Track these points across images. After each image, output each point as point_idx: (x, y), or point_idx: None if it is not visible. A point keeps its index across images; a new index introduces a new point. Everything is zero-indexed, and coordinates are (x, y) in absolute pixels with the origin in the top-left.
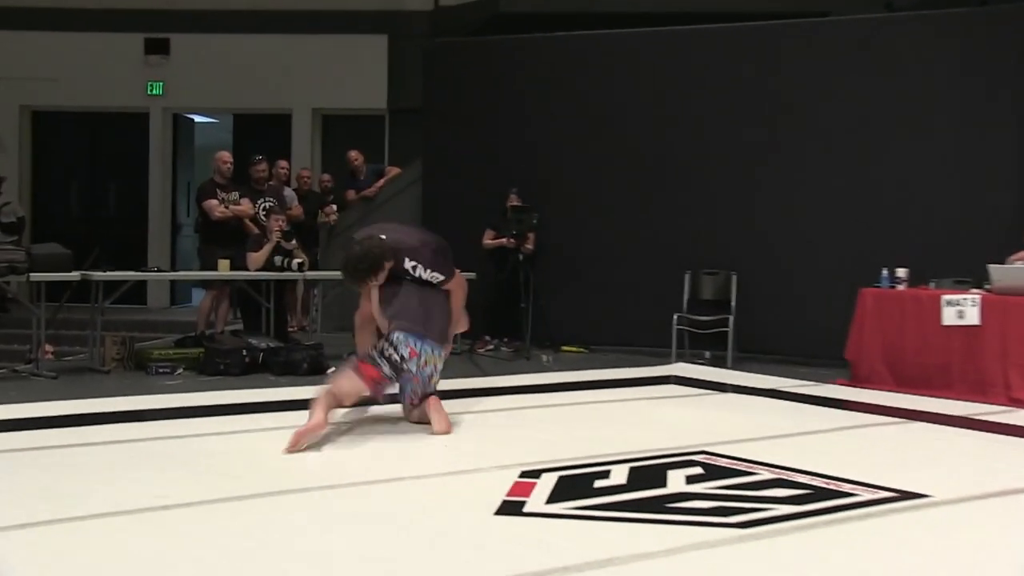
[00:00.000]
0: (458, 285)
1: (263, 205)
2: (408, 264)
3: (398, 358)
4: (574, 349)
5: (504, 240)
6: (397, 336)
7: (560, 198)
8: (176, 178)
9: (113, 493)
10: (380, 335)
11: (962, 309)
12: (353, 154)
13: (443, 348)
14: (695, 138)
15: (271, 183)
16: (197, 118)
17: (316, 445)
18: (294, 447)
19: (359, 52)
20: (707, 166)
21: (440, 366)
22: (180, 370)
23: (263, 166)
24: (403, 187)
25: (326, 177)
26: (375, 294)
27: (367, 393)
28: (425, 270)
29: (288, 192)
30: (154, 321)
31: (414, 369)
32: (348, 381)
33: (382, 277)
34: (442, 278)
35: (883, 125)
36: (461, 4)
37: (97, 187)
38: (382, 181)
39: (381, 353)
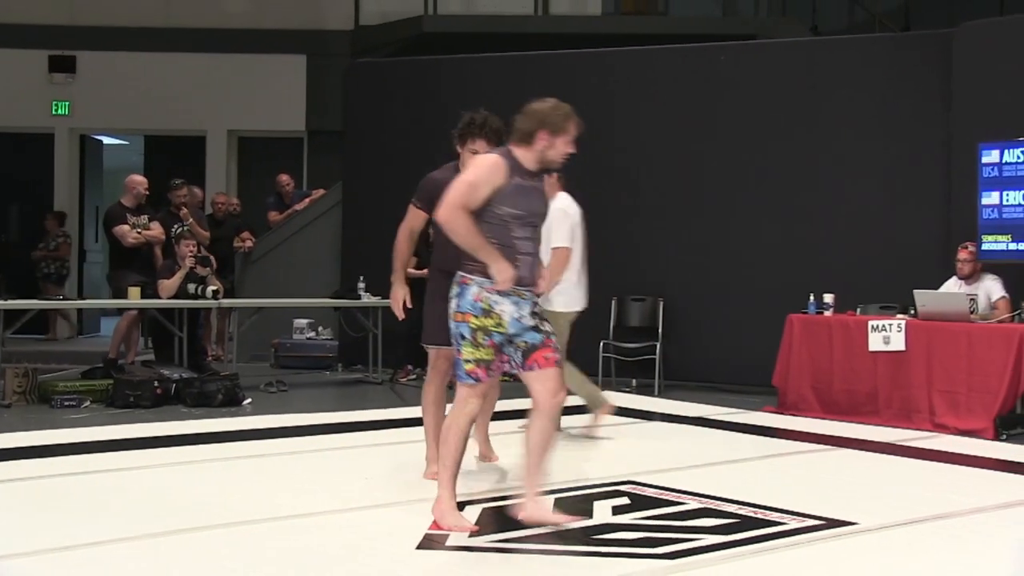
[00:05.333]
0: None
1: (179, 230)
2: None
3: None
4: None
5: (425, 271)
6: None
7: None
8: (83, 202)
9: (12, 534)
10: None
11: (888, 335)
12: (284, 178)
13: None
14: (623, 161)
15: (190, 208)
16: (106, 139)
17: (230, 478)
18: None
19: (277, 72)
20: (634, 190)
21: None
22: (87, 403)
23: (184, 190)
24: (323, 211)
25: (235, 201)
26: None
27: None
28: None
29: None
30: (59, 352)
31: None
32: None
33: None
34: None
35: (811, 149)
36: (383, 23)
37: None
38: (310, 198)
39: None
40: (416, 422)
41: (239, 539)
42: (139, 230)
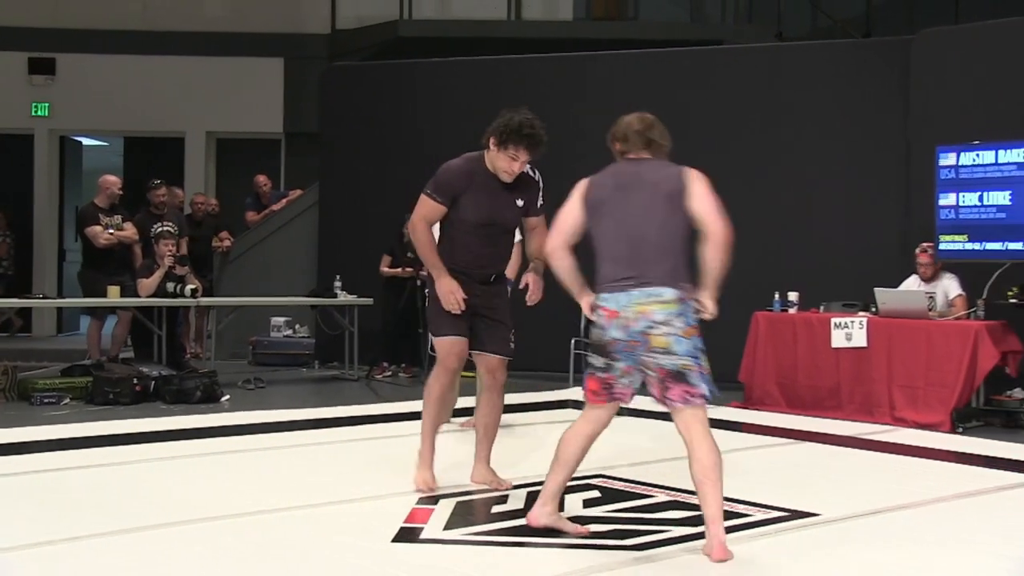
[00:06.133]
0: None
1: (158, 229)
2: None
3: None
4: (470, 375)
5: (399, 270)
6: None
7: None
8: (63, 202)
9: None
10: None
11: (850, 332)
12: (261, 179)
13: None
14: (593, 163)
15: (169, 209)
16: (86, 140)
17: (208, 473)
18: None
19: (255, 75)
20: None
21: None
22: (67, 400)
23: (163, 191)
24: (300, 211)
25: (213, 202)
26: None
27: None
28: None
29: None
30: (39, 350)
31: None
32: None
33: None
34: None
35: (776, 151)
36: (359, 27)
37: None
38: (287, 199)
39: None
40: (392, 418)
41: (218, 533)
42: (112, 230)
